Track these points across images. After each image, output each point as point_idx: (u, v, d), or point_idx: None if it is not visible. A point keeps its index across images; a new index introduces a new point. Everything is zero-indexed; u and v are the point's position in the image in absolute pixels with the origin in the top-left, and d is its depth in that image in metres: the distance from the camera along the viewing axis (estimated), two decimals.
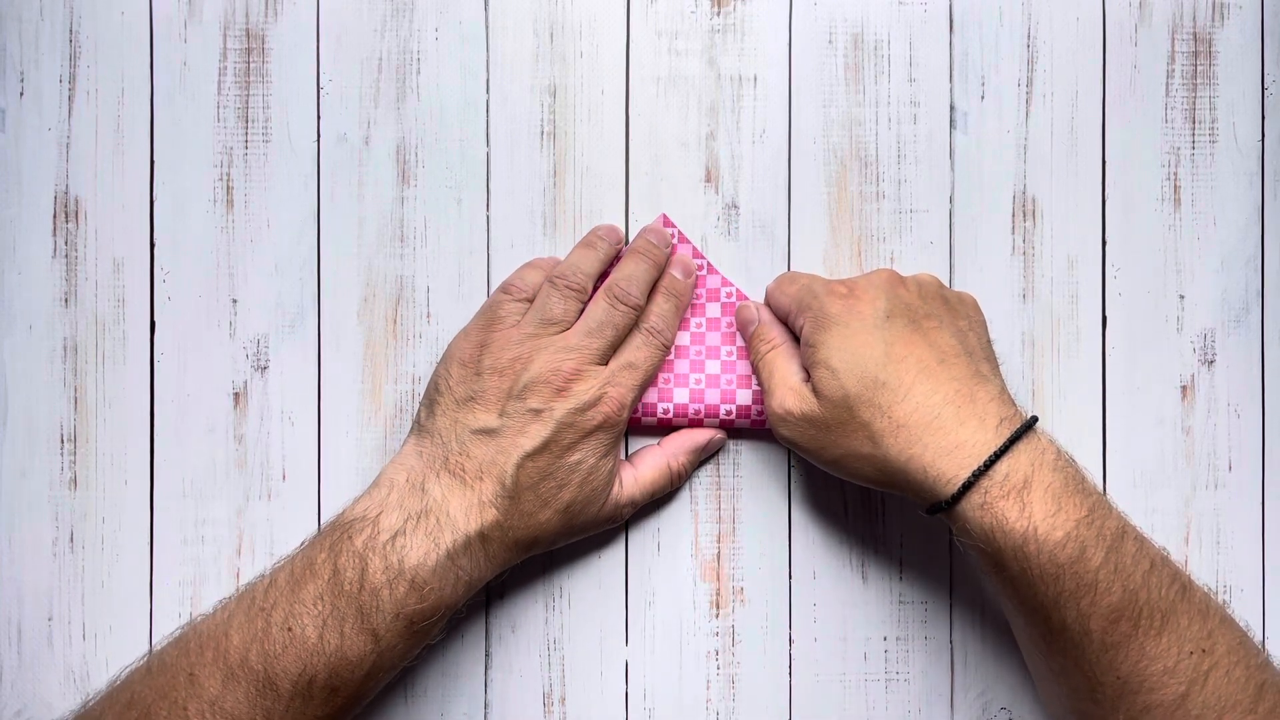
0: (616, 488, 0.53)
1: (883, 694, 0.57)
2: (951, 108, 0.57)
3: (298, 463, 0.56)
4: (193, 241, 0.56)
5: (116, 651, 0.55)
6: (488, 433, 0.51)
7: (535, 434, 0.50)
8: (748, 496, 0.56)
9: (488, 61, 0.56)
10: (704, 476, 0.57)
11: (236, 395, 0.56)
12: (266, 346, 0.56)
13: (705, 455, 0.56)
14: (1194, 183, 0.57)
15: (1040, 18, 0.57)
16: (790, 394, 0.51)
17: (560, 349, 0.51)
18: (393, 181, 0.56)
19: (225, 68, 0.56)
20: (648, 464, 0.55)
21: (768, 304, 0.55)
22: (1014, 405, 0.49)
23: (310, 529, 0.56)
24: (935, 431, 0.47)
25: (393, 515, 0.49)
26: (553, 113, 0.56)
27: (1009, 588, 0.47)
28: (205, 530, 0.56)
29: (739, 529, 0.57)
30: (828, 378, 0.49)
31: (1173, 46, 0.57)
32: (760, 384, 0.53)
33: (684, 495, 0.56)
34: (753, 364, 0.54)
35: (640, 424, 0.56)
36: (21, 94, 0.56)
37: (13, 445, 0.55)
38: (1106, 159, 0.57)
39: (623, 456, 0.55)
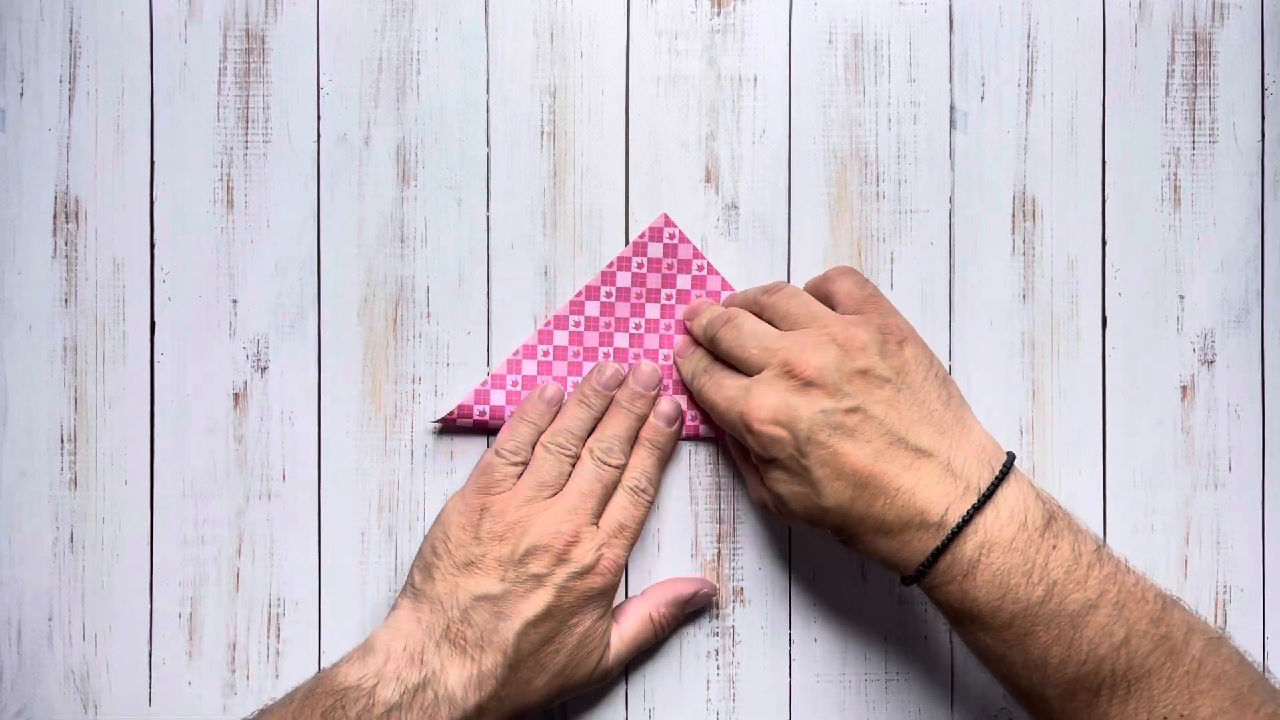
0: (613, 646, 0.53)
1: (883, 694, 0.57)
2: (951, 108, 0.57)
3: (298, 463, 0.56)
4: (193, 241, 0.56)
5: (116, 651, 0.55)
6: (490, 599, 0.50)
7: (538, 600, 0.50)
8: (748, 496, 0.56)
9: (488, 61, 0.56)
10: (704, 477, 0.56)
11: (236, 395, 0.56)
12: (266, 346, 0.56)
13: (690, 608, 0.56)
14: (1194, 183, 0.57)
15: (1040, 18, 0.57)
16: (759, 494, 0.52)
17: (558, 514, 0.52)
18: (393, 181, 0.56)
19: (225, 68, 0.56)
20: (631, 618, 0.54)
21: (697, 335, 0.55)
22: (965, 471, 0.47)
23: (310, 529, 0.56)
24: (884, 535, 0.47)
25: (389, 688, 0.48)
26: (553, 113, 0.56)
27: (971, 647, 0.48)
28: (205, 530, 0.56)
29: (739, 529, 0.57)
30: (777, 502, 0.50)
31: (1173, 46, 0.57)
32: (738, 461, 0.55)
33: (684, 495, 0.56)
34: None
35: None
36: (21, 94, 0.56)
37: (13, 445, 0.55)
38: (1106, 159, 0.57)
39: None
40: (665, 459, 0.55)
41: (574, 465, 0.53)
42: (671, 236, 0.56)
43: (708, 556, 0.56)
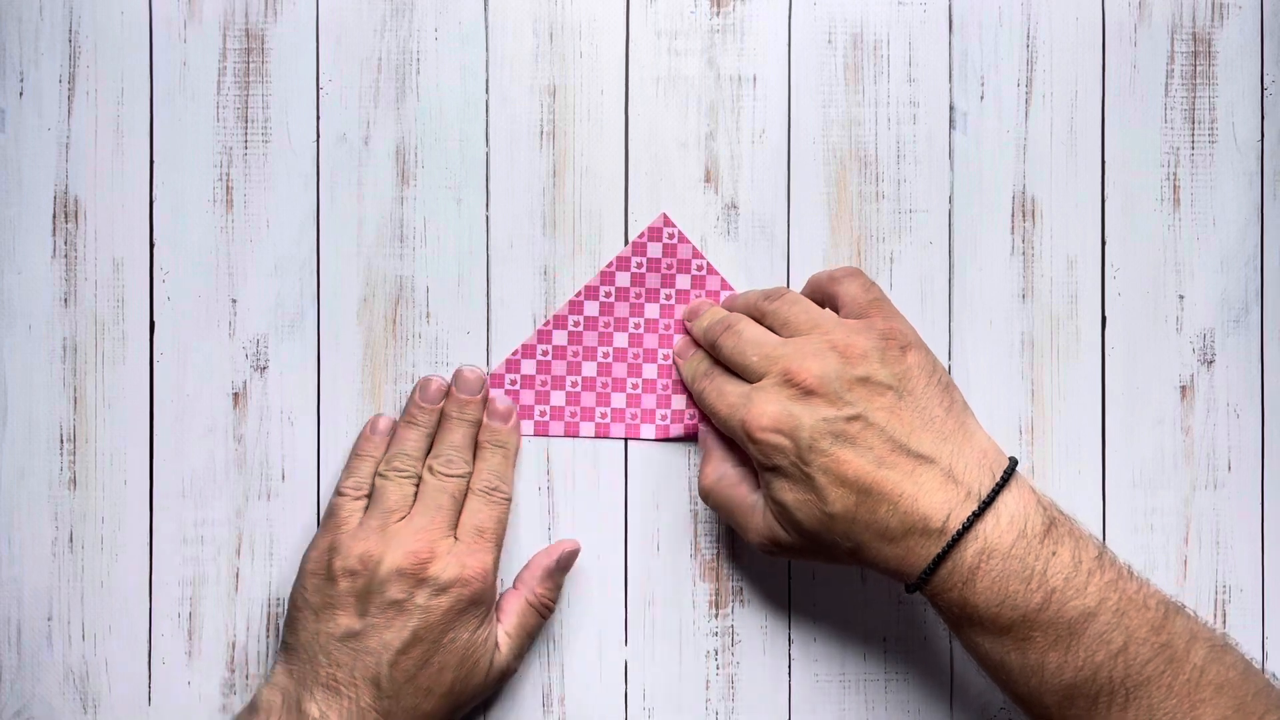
0: (502, 644, 0.53)
1: (883, 694, 0.57)
2: (951, 108, 0.57)
3: (297, 463, 0.56)
4: (193, 241, 0.56)
5: (116, 651, 0.55)
6: (353, 636, 0.50)
7: (402, 627, 0.50)
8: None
9: (488, 61, 0.56)
10: None
11: (236, 395, 0.56)
12: (266, 346, 0.56)
13: (562, 572, 0.55)
14: (1194, 183, 0.57)
15: (1040, 18, 0.57)
16: (762, 529, 0.50)
17: (407, 536, 0.51)
18: (392, 181, 0.56)
19: (225, 68, 0.56)
20: (511, 612, 0.54)
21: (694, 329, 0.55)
22: (966, 478, 0.47)
23: (310, 529, 0.56)
24: (889, 545, 0.47)
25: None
26: (553, 113, 0.56)
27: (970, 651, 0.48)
28: (205, 530, 0.56)
29: None
30: (782, 515, 0.49)
31: (1172, 46, 0.57)
32: (724, 518, 0.54)
33: (684, 495, 0.56)
34: (699, 491, 0.54)
35: (639, 435, 0.56)
36: (21, 94, 0.56)
37: (13, 445, 0.55)
38: (1106, 159, 0.57)
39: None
40: (512, 455, 0.55)
41: (416, 486, 0.53)
42: (671, 236, 0.56)
43: (708, 556, 0.56)
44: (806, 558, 0.50)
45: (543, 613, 0.54)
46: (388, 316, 0.56)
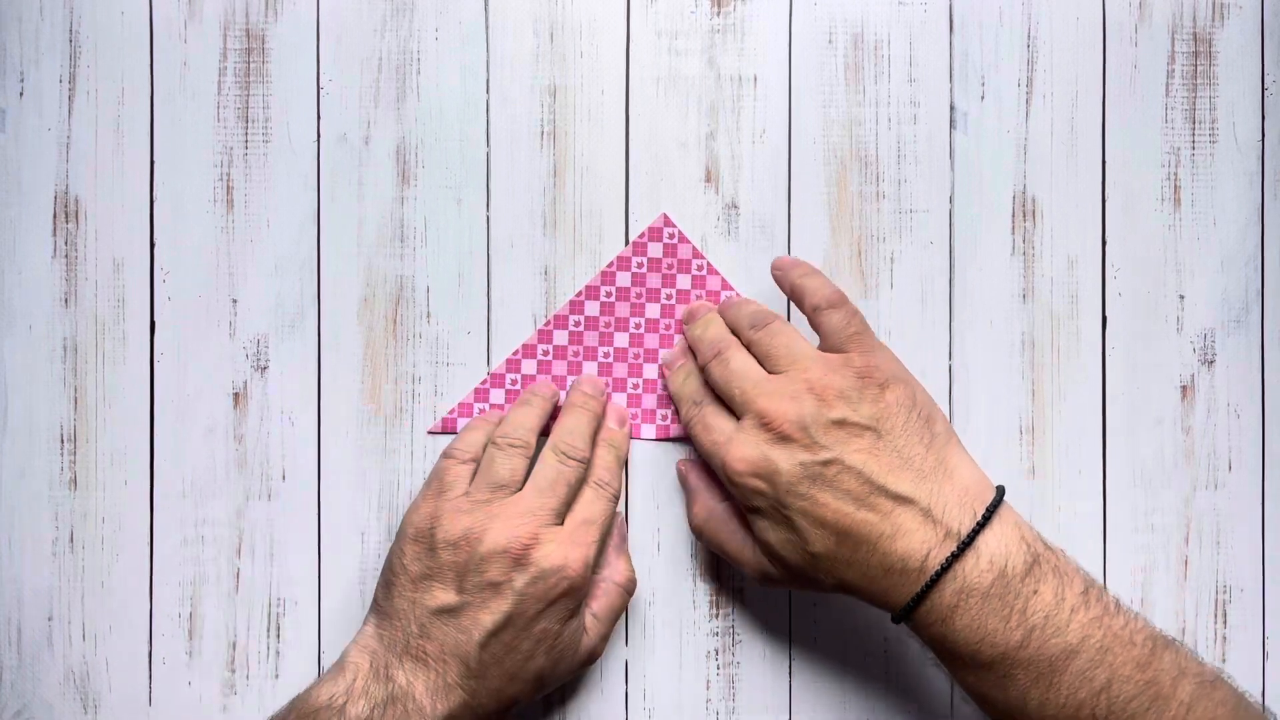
0: (590, 628, 0.52)
1: (883, 694, 0.57)
2: (951, 108, 0.57)
3: (298, 463, 0.56)
4: (193, 241, 0.56)
5: (116, 651, 0.55)
6: (447, 612, 0.49)
7: (496, 609, 0.49)
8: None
9: (488, 61, 0.56)
10: None
11: (236, 395, 0.56)
12: (266, 346, 0.56)
13: (625, 543, 0.55)
14: (1194, 183, 0.57)
15: (1040, 18, 0.57)
16: (754, 564, 0.51)
17: (514, 515, 0.50)
18: (393, 181, 0.56)
19: (225, 68, 0.56)
20: (598, 596, 0.53)
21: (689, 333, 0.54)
22: (946, 515, 0.47)
23: (310, 529, 0.56)
24: (869, 580, 0.47)
25: (359, 704, 0.48)
26: (553, 113, 0.56)
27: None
28: (205, 530, 0.56)
29: None
30: (773, 555, 0.49)
31: (1173, 46, 0.57)
32: (717, 551, 0.54)
33: (684, 495, 0.56)
34: (690, 526, 0.54)
35: (639, 435, 0.56)
36: (21, 94, 0.56)
37: (13, 445, 0.55)
38: (1106, 159, 0.57)
39: None
40: (623, 461, 0.55)
41: (528, 464, 0.52)
42: (671, 236, 0.56)
43: (708, 556, 0.56)
44: (798, 589, 0.52)
45: (629, 589, 0.54)
46: (388, 316, 0.56)
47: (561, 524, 0.51)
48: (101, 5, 0.56)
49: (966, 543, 0.46)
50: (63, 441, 0.56)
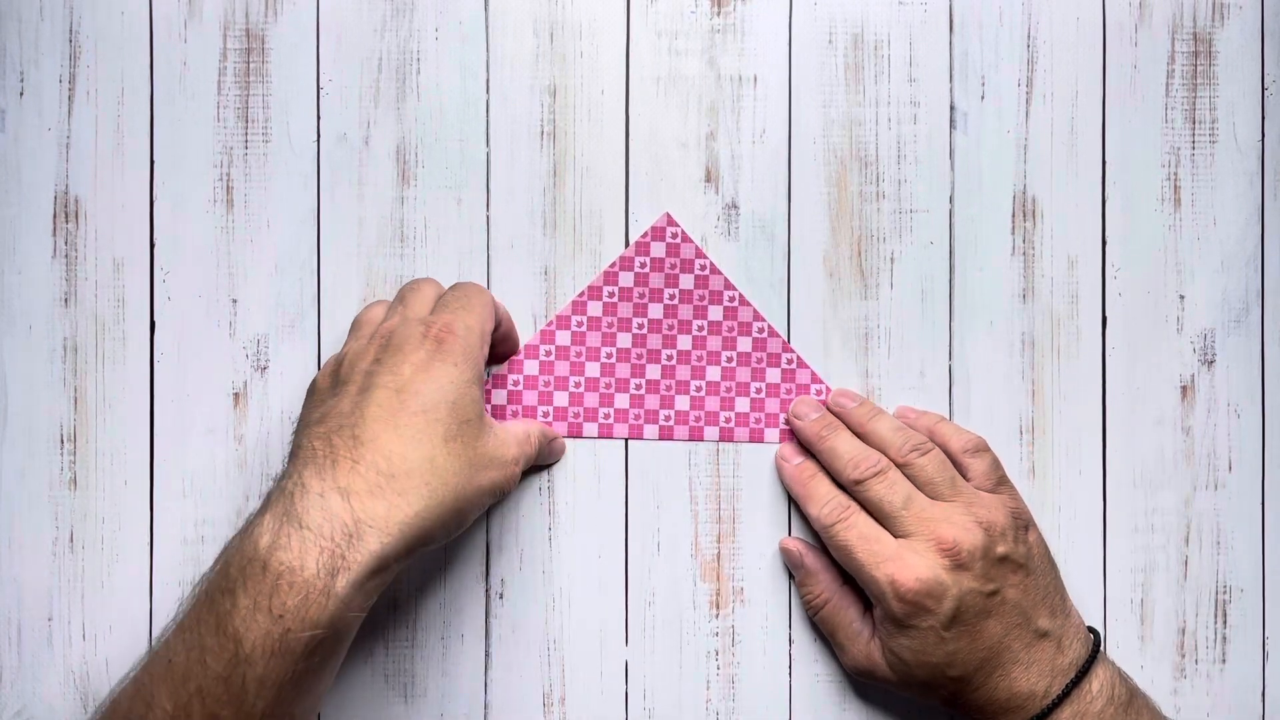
0: (499, 430, 0.50)
1: (883, 694, 0.57)
2: (951, 108, 0.57)
3: None
4: (193, 241, 0.56)
5: (116, 651, 0.55)
6: (328, 411, 0.47)
7: (369, 385, 0.47)
8: (748, 496, 0.56)
9: (488, 61, 0.56)
10: (704, 477, 0.56)
11: (236, 395, 0.56)
12: (266, 346, 0.56)
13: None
14: (1194, 183, 0.57)
15: (1040, 18, 0.57)
16: (862, 658, 0.53)
17: (383, 325, 0.50)
18: (393, 181, 0.56)
19: (225, 68, 0.56)
20: (518, 423, 0.53)
21: (801, 434, 0.55)
22: (1071, 646, 0.51)
23: None
24: (992, 705, 0.50)
25: (256, 516, 0.45)
26: (553, 113, 0.56)
27: None
28: (205, 530, 0.56)
29: (739, 529, 0.57)
30: (897, 664, 0.51)
31: (1173, 46, 0.57)
32: (823, 632, 0.55)
33: (684, 495, 0.56)
34: (805, 606, 0.55)
35: (642, 435, 0.56)
36: (21, 94, 0.56)
37: (13, 445, 0.55)
38: (1106, 159, 0.57)
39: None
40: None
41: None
42: (674, 236, 0.56)
43: (708, 556, 0.56)
44: (898, 691, 0.53)
45: (544, 432, 0.54)
46: None
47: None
48: (101, 5, 0.56)
49: (1084, 670, 0.50)
50: (63, 441, 0.56)
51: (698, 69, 0.56)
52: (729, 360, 0.56)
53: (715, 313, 0.56)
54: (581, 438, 0.56)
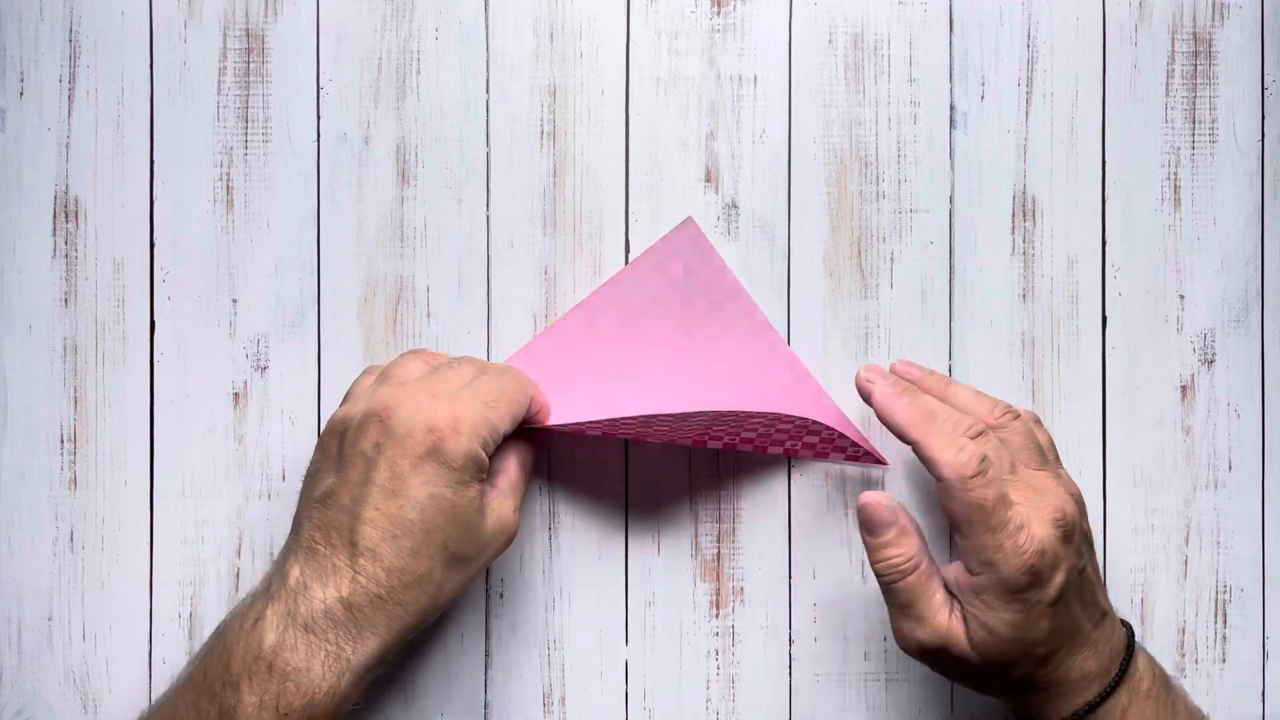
0: (494, 499, 0.49)
1: (883, 694, 0.57)
2: (951, 108, 0.57)
3: (298, 463, 0.56)
4: (193, 241, 0.56)
5: (116, 651, 0.55)
6: (328, 496, 0.47)
7: (367, 476, 0.47)
8: (748, 496, 0.56)
9: (488, 61, 0.56)
10: (704, 477, 0.56)
11: (236, 395, 0.56)
12: (266, 346, 0.56)
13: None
14: (1194, 183, 0.57)
15: (1040, 18, 0.57)
16: (941, 633, 0.48)
17: (386, 388, 0.49)
18: (393, 181, 0.56)
19: (225, 68, 0.56)
20: (502, 459, 0.50)
21: (894, 411, 0.50)
22: (1116, 627, 0.50)
23: None
24: (1063, 686, 0.49)
25: (258, 604, 0.47)
26: (553, 113, 0.56)
27: None
28: (205, 530, 0.56)
29: (739, 529, 0.57)
30: (987, 641, 0.47)
31: (1173, 46, 0.57)
32: (889, 602, 0.49)
33: (684, 495, 0.56)
34: (876, 571, 0.49)
35: (615, 434, 0.55)
36: (21, 94, 0.56)
37: (13, 445, 0.55)
38: (1106, 159, 0.57)
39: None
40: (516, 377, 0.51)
41: (425, 369, 0.51)
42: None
43: (708, 556, 0.56)
44: (951, 673, 0.50)
45: (526, 462, 0.52)
46: (388, 316, 0.56)
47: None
48: (101, 5, 0.56)
49: (1131, 648, 0.50)
50: (63, 441, 0.56)
51: (698, 69, 0.57)
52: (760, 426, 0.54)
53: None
54: (585, 435, 0.56)
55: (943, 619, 0.48)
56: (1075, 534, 0.48)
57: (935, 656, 0.49)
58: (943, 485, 0.47)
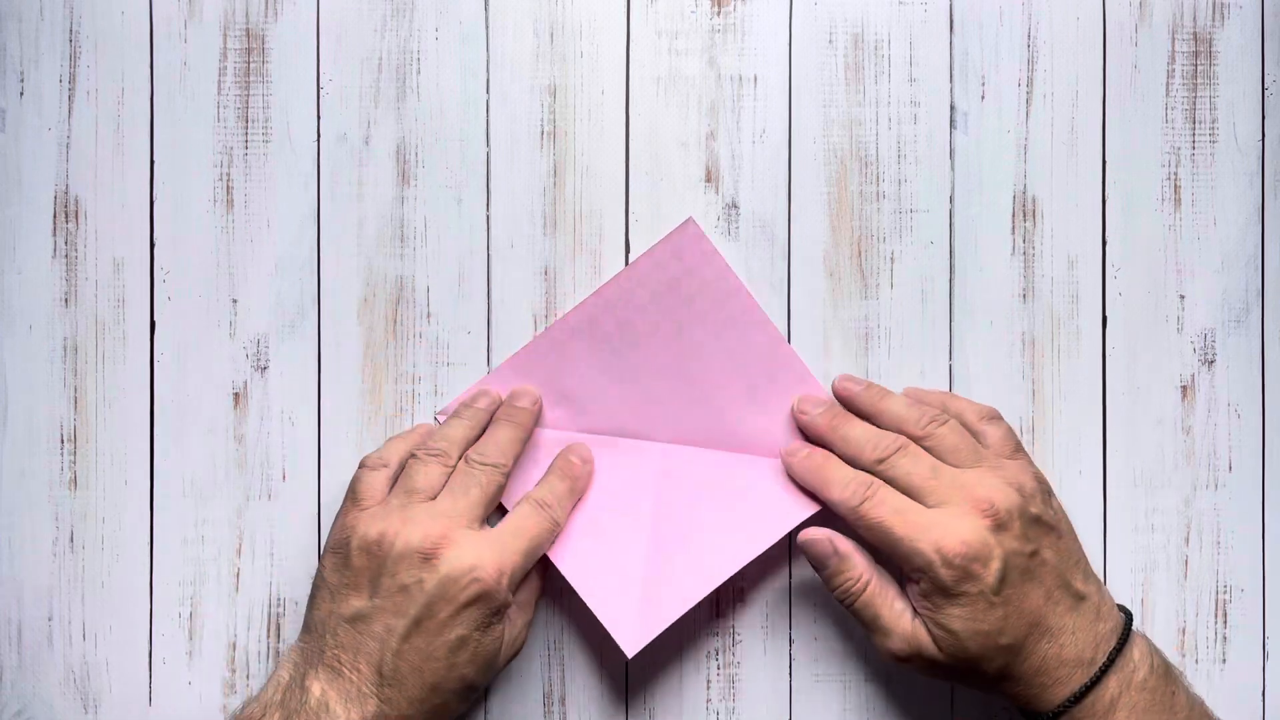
0: (510, 627, 0.51)
1: (883, 694, 0.57)
2: (951, 108, 0.57)
3: (298, 463, 0.56)
4: (193, 241, 0.56)
5: (116, 651, 0.55)
6: (360, 618, 0.48)
7: (406, 613, 0.48)
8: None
9: (488, 61, 0.56)
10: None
11: (236, 395, 0.56)
12: (266, 346, 0.56)
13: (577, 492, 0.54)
14: (1194, 183, 0.57)
15: (1040, 18, 0.57)
16: (904, 642, 0.50)
17: (427, 518, 0.49)
18: (393, 181, 0.56)
19: (225, 68, 0.56)
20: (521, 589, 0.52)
21: (821, 436, 0.54)
22: (1108, 614, 0.50)
23: (310, 529, 0.56)
24: (1042, 675, 0.49)
25: (274, 716, 0.47)
26: (553, 113, 0.56)
27: None
28: (205, 530, 0.56)
29: None
30: (947, 639, 0.49)
31: (1173, 46, 0.57)
32: (859, 622, 0.51)
33: None
34: (836, 598, 0.51)
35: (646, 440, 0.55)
36: (21, 94, 0.56)
37: (13, 445, 0.55)
38: (1106, 159, 0.57)
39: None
40: (578, 493, 0.54)
41: (447, 472, 0.51)
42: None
43: None
44: (940, 676, 0.51)
45: (544, 576, 0.54)
46: (388, 316, 0.56)
47: (481, 529, 0.50)
48: (101, 5, 0.56)
49: (1125, 635, 0.50)
50: (63, 441, 0.56)
51: (698, 69, 0.57)
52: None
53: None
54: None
55: (906, 625, 0.50)
56: (1014, 521, 0.49)
57: (913, 663, 0.50)
58: (847, 522, 0.51)
